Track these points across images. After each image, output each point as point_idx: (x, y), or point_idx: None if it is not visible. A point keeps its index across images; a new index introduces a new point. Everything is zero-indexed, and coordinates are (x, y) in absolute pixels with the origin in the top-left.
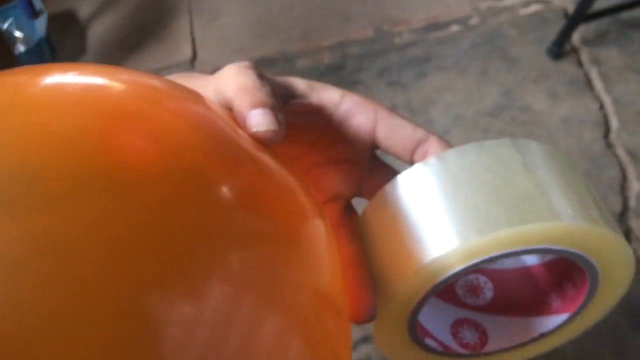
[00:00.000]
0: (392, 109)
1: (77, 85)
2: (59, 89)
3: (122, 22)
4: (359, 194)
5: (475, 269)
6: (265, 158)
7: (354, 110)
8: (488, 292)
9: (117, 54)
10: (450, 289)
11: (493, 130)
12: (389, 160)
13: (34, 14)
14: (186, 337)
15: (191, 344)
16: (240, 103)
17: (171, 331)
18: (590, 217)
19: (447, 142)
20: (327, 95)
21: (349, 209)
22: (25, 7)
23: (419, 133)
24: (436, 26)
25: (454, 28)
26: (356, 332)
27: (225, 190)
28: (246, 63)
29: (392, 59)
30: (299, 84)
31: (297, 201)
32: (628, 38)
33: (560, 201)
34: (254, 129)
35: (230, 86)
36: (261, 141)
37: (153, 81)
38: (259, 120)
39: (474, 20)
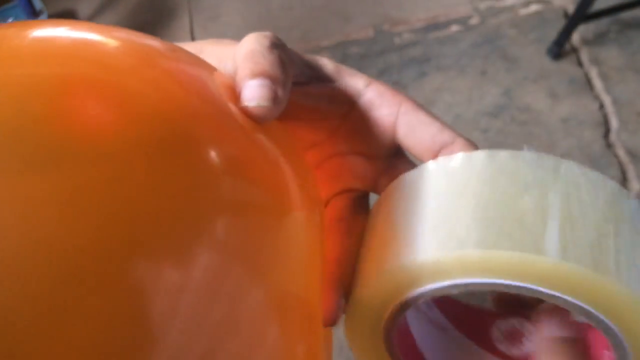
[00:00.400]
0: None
1: (64, 38)
2: (47, 41)
3: (122, 22)
4: (374, 189)
5: (448, 293)
6: (259, 134)
7: (377, 101)
8: (529, 345)
9: None
10: (482, 328)
11: (493, 130)
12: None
13: (34, 13)
14: (172, 303)
15: (177, 311)
16: (242, 71)
17: (157, 298)
18: (600, 263)
19: (475, 146)
20: (352, 82)
21: (358, 204)
22: (25, 7)
23: (445, 135)
24: (436, 26)
25: (454, 28)
26: None
27: (213, 154)
28: (266, 33)
29: (392, 59)
30: (326, 65)
31: (285, 180)
32: (628, 38)
33: (560, 235)
34: (245, 103)
35: (239, 53)
36: (250, 117)
37: (150, 41)
38: (253, 92)
39: (474, 20)
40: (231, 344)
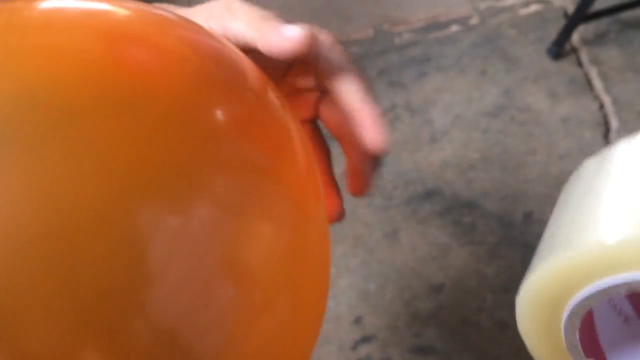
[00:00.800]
0: (392, 109)
1: (76, 8)
2: (57, 11)
3: None
4: (318, 117)
5: None
6: (262, 87)
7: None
8: None
9: None
10: None
11: (493, 130)
12: None
13: None
14: (170, 247)
15: (174, 254)
16: (270, 25)
17: (157, 240)
18: None
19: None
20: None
21: (316, 128)
22: None
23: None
24: (436, 26)
25: (454, 28)
26: (356, 332)
27: (220, 115)
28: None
29: (392, 59)
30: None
31: (286, 131)
32: (628, 38)
33: None
34: (289, 33)
35: (250, 15)
36: (297, 46)
37: (156, 9)
38: (297, 29)
39: (473, 20)
40: (224, 288)
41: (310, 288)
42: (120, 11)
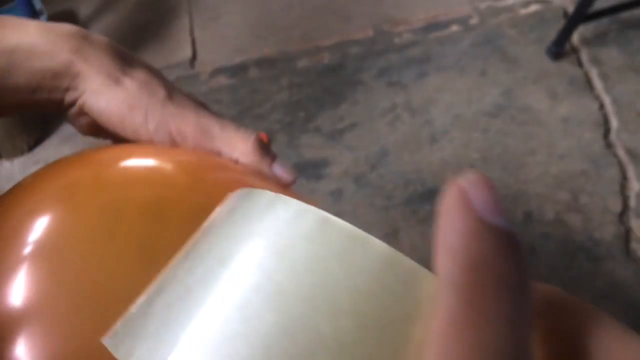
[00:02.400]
0: (392, 109)
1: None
2: (133, 169)
3: (122, 22)
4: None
5: None
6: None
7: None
8: None
9: None
10: None
11: (493, 130)
12: None
13: (34, 14)
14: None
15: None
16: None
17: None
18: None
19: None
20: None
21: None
22: (24, 8)
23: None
24: (436, 26)
25: (454, 28)
26: None
27: None
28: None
29: (392, 59)
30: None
31: None
32: (628, 38)
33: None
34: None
35: (238, 148)
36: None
37: (195, 157)
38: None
39: (473, 20)
40: None
41: None
42: (171, 167)
